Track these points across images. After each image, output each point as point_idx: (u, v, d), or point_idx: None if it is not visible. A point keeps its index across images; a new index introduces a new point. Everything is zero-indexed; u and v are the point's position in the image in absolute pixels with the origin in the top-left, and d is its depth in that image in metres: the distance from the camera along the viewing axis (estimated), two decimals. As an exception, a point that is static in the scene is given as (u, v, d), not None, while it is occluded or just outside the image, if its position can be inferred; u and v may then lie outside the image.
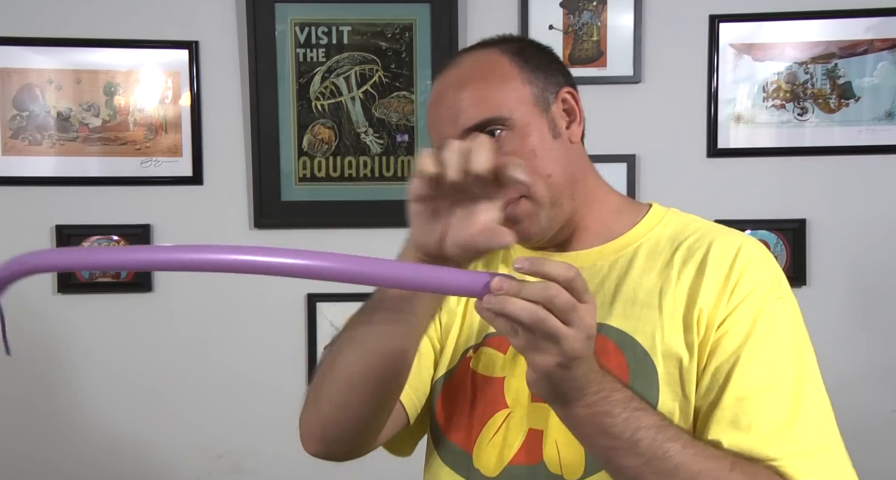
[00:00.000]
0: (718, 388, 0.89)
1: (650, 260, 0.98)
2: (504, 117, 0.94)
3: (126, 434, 1.99)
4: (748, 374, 0.88)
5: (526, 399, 0.95)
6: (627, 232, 1.01)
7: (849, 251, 1.99)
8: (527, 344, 0.73)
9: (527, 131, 0.95)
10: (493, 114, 0.94)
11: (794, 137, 1.98)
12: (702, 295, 0.92)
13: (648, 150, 1.98)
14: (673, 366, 0.91)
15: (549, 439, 0.94)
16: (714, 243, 0.95)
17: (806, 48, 1.96)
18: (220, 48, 1.97)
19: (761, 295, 0.91)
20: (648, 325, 0.93)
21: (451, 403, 1.01)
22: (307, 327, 2.00)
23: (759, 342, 0.89)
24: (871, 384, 1.96)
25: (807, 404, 0.88)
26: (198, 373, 2.00)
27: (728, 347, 0.90)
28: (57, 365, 1.98)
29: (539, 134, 0.96)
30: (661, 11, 1.97)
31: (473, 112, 0.94)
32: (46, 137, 1.94)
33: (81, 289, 1.96)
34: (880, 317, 1.99)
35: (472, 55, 1.00)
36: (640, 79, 1.97)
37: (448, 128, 0.96)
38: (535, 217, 0.96)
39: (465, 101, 0.95)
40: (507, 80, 0.97)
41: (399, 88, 1.97)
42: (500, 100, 0.95)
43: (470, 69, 0.98)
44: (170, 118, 1.97)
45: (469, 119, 0.94)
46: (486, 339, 1.00)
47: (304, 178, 1.98)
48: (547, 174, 0.95)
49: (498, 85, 0.96)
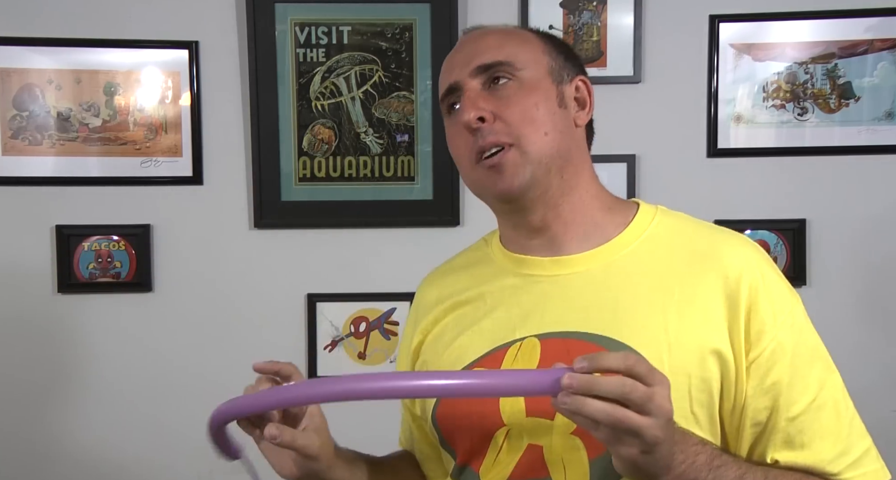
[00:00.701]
0: (769, 413, 0.90)
1: (647, 266, 0.96)
2: (515, 67, 0.96)
3: (126, 433, 1.98)
4: (794, 395, 0.91)
5: (521, 413, 0.92)
6: (619, 234, 0.99)
7: (849, 251, 1.99)
8: (609, 437, 0.74)
9: (534, 88, 0.96)
10: (506, 59, 0.96)
11: (794, 137, 1.98)
12: (719, 318, 0.91)
13: (648, 150, 1.98)
14: (682, 383, 0.89)
15: (552, 455, 0.91)
16: (724, 258, 0.94)
17: (806, 48, 1.96)
18: (220, 48, 1.97)
19: (786, 315, 0.93)
20: (654, 339, 0.91)
21: (452, 430, 0.99)
22: (307, 327, 2.00)
23: (796, 362, 0.92)
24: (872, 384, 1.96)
25: (845, 410, 0.94)
26: (198, 373, 2.00)
27: (770, 374, 0.91)
28: (57, 365, 1.98)
29: (545, 95, 0.97)
30: (661, 11, 1.97)
31: (488, 54, 0.96)
32: (46, 137, 1.94)
33: (81, 289, 1.96)
34: (880, 317, 1.99)
35: (491, 29, 1.03)
36: (640, 79, 1.97)
37: (460, 69, 0.97)
38: (521, 169, 0.94)
39: (482, 45, 0.98)
40: (529, 43, 0.99)
41: (399, 88, 1.97)
42: (517, 53, 0.97)
43: (495, 28, 1.02)
44: (170, 118, 1.97)
45: (482, 59, 0.96)
46: (476, 360, 0.98)
47: (304, 178, 1.98)
48: (544, 132, 0.95)
49: (519, 43, 0.99)
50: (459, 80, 0.97)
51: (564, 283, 0.97)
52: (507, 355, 0.95)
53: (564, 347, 0.92)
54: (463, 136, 0.97)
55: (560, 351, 0.92)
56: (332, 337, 2.00)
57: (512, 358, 0.95)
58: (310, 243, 2.00)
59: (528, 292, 0.98)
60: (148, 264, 1.97)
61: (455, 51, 1.01)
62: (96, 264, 1.96)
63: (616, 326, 0.92)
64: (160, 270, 1.99)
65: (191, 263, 1.99)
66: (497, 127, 0.94)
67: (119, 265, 1.97)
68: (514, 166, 0.94)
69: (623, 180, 1.96)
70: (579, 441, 0.90)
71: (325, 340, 2.00)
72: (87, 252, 1.96)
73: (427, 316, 1.07)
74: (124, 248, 1.96)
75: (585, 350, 0.89)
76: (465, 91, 0.96)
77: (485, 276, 1.04)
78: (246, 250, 1.99)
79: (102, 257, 1.96)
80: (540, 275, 0.98)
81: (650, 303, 0.93)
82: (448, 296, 1.06)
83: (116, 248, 1.96)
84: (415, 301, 1.14)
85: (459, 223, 1.94)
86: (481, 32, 1.01)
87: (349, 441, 1.04)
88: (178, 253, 1.99)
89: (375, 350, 2.01)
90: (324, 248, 2.00)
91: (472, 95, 0.96)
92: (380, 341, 2.00)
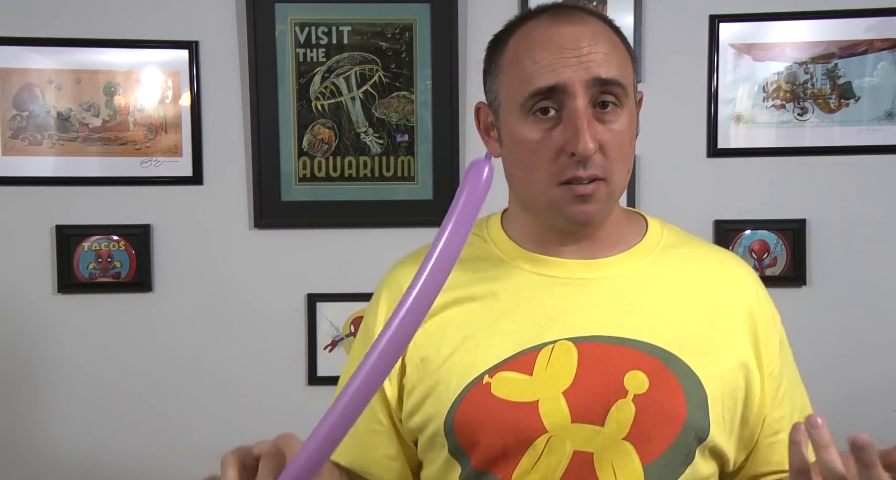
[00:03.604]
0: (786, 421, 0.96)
1: (670, 274, 0.98)
2: (627, 89, 0.92)
3: (126, 433, 1.99)
4: (797, 402, 1.00)
5: (566, 419, 0.90)
6: (639, 242, 1.00)
7: (849, 251, 1.99)
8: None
9: (630, 119, 0.93)
10: (623, 80, 0.91)
11: (794, 137, 1.98)
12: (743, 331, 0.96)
13: (648, 150, 1.98)
14: (717, 390, 0.92)
15: (602, 462, 0.89)
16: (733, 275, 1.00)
17: (806, 48, 1.96)
18: (220, 48, 1.97)
19: (780, 328, 1.01)
20: (693, 346, 0.92)
21: (476, 434, 0.93)
22: (307, 327, 2.00)
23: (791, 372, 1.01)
24: (872, 384, 1.96)
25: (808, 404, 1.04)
26: (198, 373, 2.00)
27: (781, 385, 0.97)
28: (57, 365, 1.98)
29: (634, 126, 0.95)
30: (661, 11, 1.97)
31: (609, 68, 0.90)
32: (46, 137, 1.94)
33: (81, 289, 1.96)
34: (880, 317, 1.99)
35: (591, 17, 0.95)
36: (640, 79, 1.95)
37: (573, 70, 0.88)
38: (606, 203, 0.93)
39: (601, 55, 0.90)
40: (628, 61, 0.95)
41: (399, 88, 1.97)
42: (626, 70, 0.93)
43: (600, 29, 0.93)
44: (170, 118, 1.97)
45: (605, 71, 0.89)
46: (502, 363, 0.93)
47: (304, 178, 1.98)
48: (628, 169, 0.94)
49: (623, 60, 0.93)
50: (571, 86, 0.89)
51: (593, 287, 0.96)
52: (539, 358, 0.93)
53: (603, 351, 0.92)
54: (551, 150, 0.90)
55: (599, 356, 0.92)
56: (332, 337, 2.00)
57: (545, 362, 0.92)
58: (310, 243, 2.00)
59: (552, 294, 0.96)
60: (148, 264, 1.97)
61: (557, 43, 0.90)
62: (96, 264, 1.96)
63: (654, 332, 0.92)
64: (160, 270, 1.99)
65: (191, 263, 1.99)
66: (597, 160, 0.90)
67: (119, 265, 1.97)
68: (601, 200, 0.92)
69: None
70: (631, 446, 0.89)
71: (325, 340, 2.00)
72: (87, 252, 1.96)
73: None
74: (124, 248, 1.96)
75: (626, 355, 0.91)
76: (579, 109, 0.88)
77: (493, 273, 0.99)
78: (246, 250, 1.99)
79: (102, 257, 1.96)
80: (565, 277, 0.97)
81: (682, 310, 0.94)
82: (444, 290, 1.02)
83: (116, 248, 1.96)
84: (388, 286, 1.04)
85: (459, 223, 1.93)
86: (592, 33, 0.91)
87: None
88: (178, 253, 1.99)
89: (375, 350, 2.00)
90: (324, 248, 2.00)
91: (589, 119, 0.89)
92: (380, 341, 2.00)
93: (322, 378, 2.00)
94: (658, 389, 0.89)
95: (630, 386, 0.90)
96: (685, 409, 0.89)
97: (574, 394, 0.90)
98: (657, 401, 0.89)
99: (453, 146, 1.96)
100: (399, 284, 1.02)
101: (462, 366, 0.94)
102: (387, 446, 1.03)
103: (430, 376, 0.97)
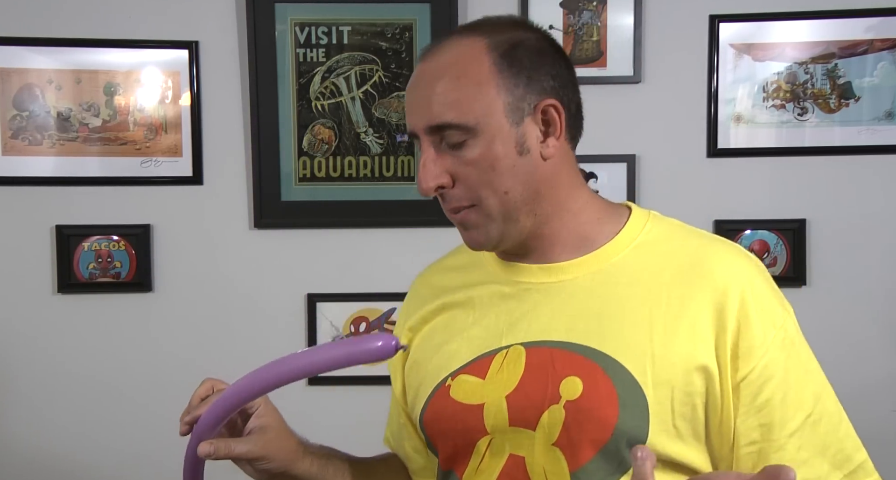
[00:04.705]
0: (763, 432, 0.88)
1: (636, 275, 0.94)
2: (469, 126, 0.90)
3: (126, 433, 1.99)
4: (790, 412, 0.89)
5: (504, 422, 0.91)
6: (608, 242, 0.96)
7: (849, 251, 1.99)
8: None
9: (490, 143, 0.91)
10: (457, 121, 0.90)
11: (794, 137, 1.98)
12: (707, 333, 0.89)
13: (648, 150, 1.98)
14: (665, 396, 0.88)
15: (535, 466, 0.90)
16: (714, 270, 0.92)
17: (806, 48, 1.96)
18: (220, 48, 1.97)
19: (777, 329, 0.90)
20: (638, 351, 0.89)
21: (436, 434, 0.99)
22: (307, 327, 2.00)
23: (789, 378, 0.90)
24: (872, 384, 1.96)
25: (839, 423, 0.92)
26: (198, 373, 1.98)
27: (763, 391, 0.88)
28: (57, 365, 1.98)
29: (503, 148, 0.91)
30: (661, 11, 1.97)
31: (440, 111, 0.91)
32: (46, 137, 1.94)
33: (81, 289, 1.96)
34: (880, 317, 1.99)
35: (458, 44, 0.94)
36: (640, 79, 1.97)
37: (417, 117, 0.94)
38: (484, 228, 0.94)
39: (435, 98, 0.91)
40: (482, 86, 0.91)
41: (399, 88, 1.97)
42: (469, 107, 0.90)
43: (448, 62, 0.93)
44: (170, 118, 1.97)
45: (434, 117, 0.91)
46: (463, 367, 0.97)
47: (304, 178, 1.98)
48: (504, 191, 0.92)
49: (471, 89, 0.91)
50: (415, 131, 0.94)
51: (552, 291, 0.96)
52: (494, 362, 0.95)
53: (549, 356, 0.92)
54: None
55: (544, 360, 0.92)
56: (332, 337, 2.00)
57: (498, 366, 0.94)
58: (310, 243, 2.00)
59: (518, 299, 0.97)
60: (148, 264, 1.97)
61: (413, 84, 0.95)
62: (96, 264, 1.96)
63: (600, 336, 0.91)
64: (160, 270, 1.99)
65: (191, 263, 1.99)
66: (456, 192, 0.93)
67: (119, 265, 1.97)
68: (478, 225, 0.95)
69: (623, 180, 1.96)
70: (560, 452, 0.89)
71: (325, 340, 2.00)
72: (87, 252, 1.96)
73: (415, 314, 1.07)
74: (124, 248, 1.96)
75: (569, 360, 0.90)
76: (422, 151, 0.93)
77: (475, 281, 1.02)
78: (246, 250, 1.99)
79: (102, 257, 1.96)
80: (529, 283, 0.97)
81: (637, 314, 0.91)
82: (436, 296, 1.05)
83: (116, 248, 1.96)
84: (407, 296, 1.14)
85: (459, 223, 1.94)
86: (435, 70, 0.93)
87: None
88: (178, 253, 1.99)
89: (375, 350, 2.00)
90: (324, 248, 2.00)
91: (429, 160, 0.93)
92: (380, 341, 2.00)
93: (322, 378, 1.99)
94: (591, 395, 0.88)
95: (564, 392, 0.89)
96: (616, 416, 0.87)
97: (515, 398, 0.92)
98: (587, 408, 0.87)
99: (453, 146, 1.95)
100: (414, 300, 1.10)
101: (435, 369, 1.00)
102: (412, 439, 1.11)
103: (417, 377, 1.03)
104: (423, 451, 1.10)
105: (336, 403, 1.98)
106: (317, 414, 1.81)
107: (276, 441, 0.95)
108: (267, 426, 0.96)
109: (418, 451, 1.11)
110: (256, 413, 0.96)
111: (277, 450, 0.95)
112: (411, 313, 1.08)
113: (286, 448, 0.97)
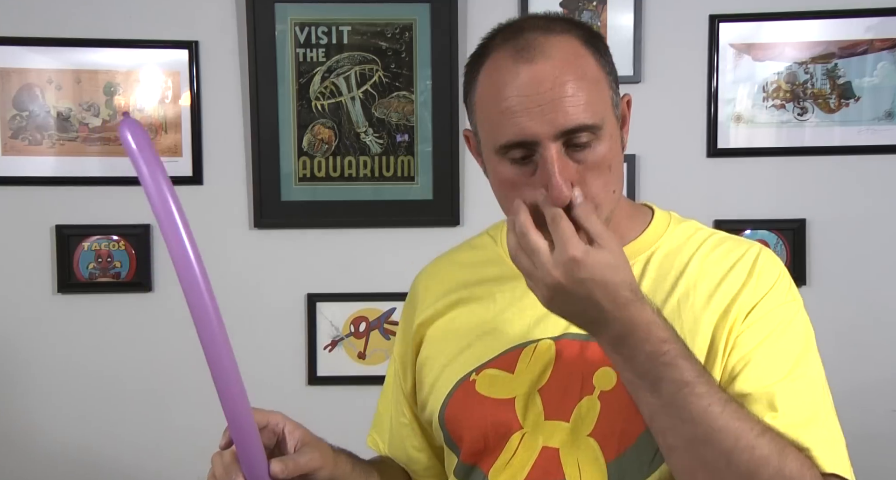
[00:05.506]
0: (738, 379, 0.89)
1: (662, 273, 0.96)
2: (599, 127, 0.87)
3: (126, 433, 1.99)
4: (769, 364, 0.89)
5: (539, 416, 0.93)
6: (637, 238, 0.99)
7: (849, 251, 1.99)
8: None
9: (608, 142, 0.89)
10: (592, 122, 0.87)
11: (794, 137, 1.98)
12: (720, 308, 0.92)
13: (648, 150, 1.98)
14: None
15: (568, 457, 0.91)
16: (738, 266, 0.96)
17: (806, 48, 1.96)
18: (220, 48, 1.97)
19: (781, 298, 0.94)
20: None
21: (462, 430, 0.98)
22: (307, 327, 2.00)
23: (777, 337, 0.91)
24: (872, 384, 1.96)
25: (825, 397, 0.92)
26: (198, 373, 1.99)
27: (748, 342, 0.90)
28: (57, 365, 1.98)
29: (615, 145, 0.91)
30: (661, 11, 1.97)
31: (575, 114, 0.86)
32: (46, 137, 1.94)
33: (81, 289, 1.96)
34: (880, 317, 1.99)
35: (558, 42, 0.89)
36: (640, 79, 1.97)
37: (542, 124, 0.85)
38: None
39: (567, 100, 0.86)
40: (599, 83, 0.90)
41: (399, 88, 1.97)
42: (596, 106, 0.88)
43: (563, 62, 0.88)
44: (170, 118, 1.97)
45: (570, 121, 0.86)
46: (489, 362, 0.97)
47: (304, 178, 1.98)
48: (612, 189, 0.91)
49: (593, 87, 0.88)
50: (539, 139, 0.86)
51: None
52: (522, 356, 0.95)
53: (580, 349, 0.93)
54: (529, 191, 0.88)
55: (575, 353, 0.93)
56: (332, 337, 2.00)
57: (527, 360, 0.95)
58: (310, 243, 2.00)
59: None
60: (148, 264, 1.97)
61: (523, 92, 0.86)
62: (96, 264, 1.96)
63: None
64: (160, 270, 1.99)
65: (191, 263, 1.99)
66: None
67: (119, 265, 1.97)
68: None
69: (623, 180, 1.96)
70: (595, 442, 0.90)
71: (325, 340, 2.00)
72: (87, 252, 1.96)
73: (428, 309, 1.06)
74: (124, 248, 1.96)
75: (600, 352, 0.89)
76: (546, 158, 0.86)
77: (494, 276, 1.02)
78: (246, 250, 1.99)
79: (102, 257, 1.96)
80: None
81: (665, 305, 0.93)
82: (451, 291, 1.05)
83: (116, 248, 1.97)
84: (411, 292, 1.12)
85: (459, 223, 1.93)
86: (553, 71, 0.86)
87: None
88: (178, 253, 1.98)
89: (375, 350, 2.01)
90: (324, 248, 2.00)
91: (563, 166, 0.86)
92: (380, 341, 2.00)
93: (322, 378, 2.00)
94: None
95: (598, 383, 0.91)
96: None
97: (549, 391, 0.93)
98: (623, 398, 0.87)
99: (453, 146, 1.95)
100: (422, 294, 1.09)
101: (456, 364, 0.99)
102: (413, 438, 1.10)
103: (432, 372, 1.02)
104: (426, 449, 1.09)
105: (336, 403, 1.98)
106: (317, 414, 1.81)
107: (318, 448, 0.94)
108: (304, 437, 0.94)
109: (422, 450, 1.10)
110: (287, 430, 0.93)
111: (325, 458, 0.94)
112: (422, 307, 1.07)
113: (329, 455, 0.96)
